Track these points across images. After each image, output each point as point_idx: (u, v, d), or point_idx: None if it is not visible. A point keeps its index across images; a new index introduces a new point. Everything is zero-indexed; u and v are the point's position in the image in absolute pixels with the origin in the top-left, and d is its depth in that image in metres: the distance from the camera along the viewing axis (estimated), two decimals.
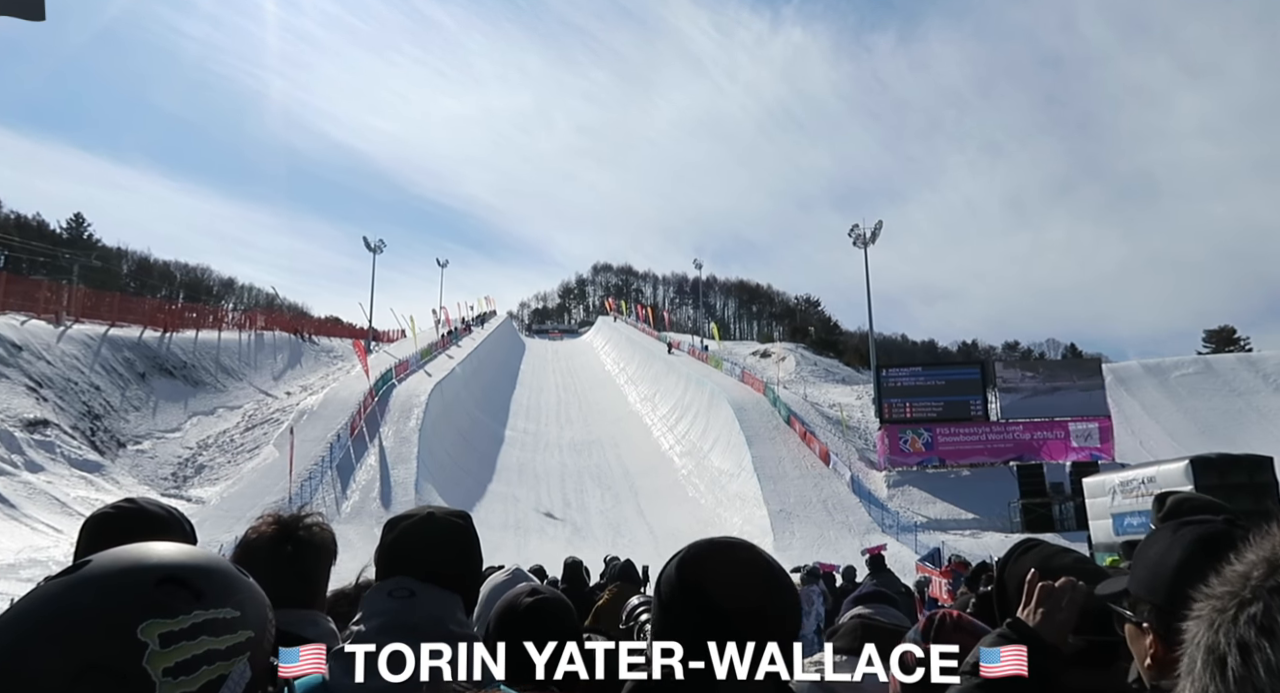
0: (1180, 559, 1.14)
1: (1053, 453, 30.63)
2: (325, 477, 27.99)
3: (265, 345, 44.11)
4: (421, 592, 1.43)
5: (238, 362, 40.64)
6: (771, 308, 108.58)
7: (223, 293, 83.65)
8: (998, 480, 29.47)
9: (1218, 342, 60.25)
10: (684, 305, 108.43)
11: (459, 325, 58.93)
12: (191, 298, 67.66)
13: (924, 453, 31.87)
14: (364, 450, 30.39)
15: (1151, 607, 1.18)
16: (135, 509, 1.82)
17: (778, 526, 26.67)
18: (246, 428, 33.85)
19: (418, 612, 1.39)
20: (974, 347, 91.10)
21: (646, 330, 64.45)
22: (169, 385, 34.97)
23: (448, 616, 1.42)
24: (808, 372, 49.25)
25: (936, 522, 28.01)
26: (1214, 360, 42.64)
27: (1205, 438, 29.64)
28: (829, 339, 79.17)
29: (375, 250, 50.84)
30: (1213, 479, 18.65)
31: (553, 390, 48.13)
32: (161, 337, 37.34)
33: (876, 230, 42.58)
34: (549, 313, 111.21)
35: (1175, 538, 1.19)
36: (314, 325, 55.55)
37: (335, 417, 32.22)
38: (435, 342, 49.53)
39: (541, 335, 77.25)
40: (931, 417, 32.20)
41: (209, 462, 30.66)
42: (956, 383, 32.93)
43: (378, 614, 1.40)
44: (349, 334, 54.60)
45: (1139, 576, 1.22)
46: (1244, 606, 0.45)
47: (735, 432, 34.06)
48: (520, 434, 38.79)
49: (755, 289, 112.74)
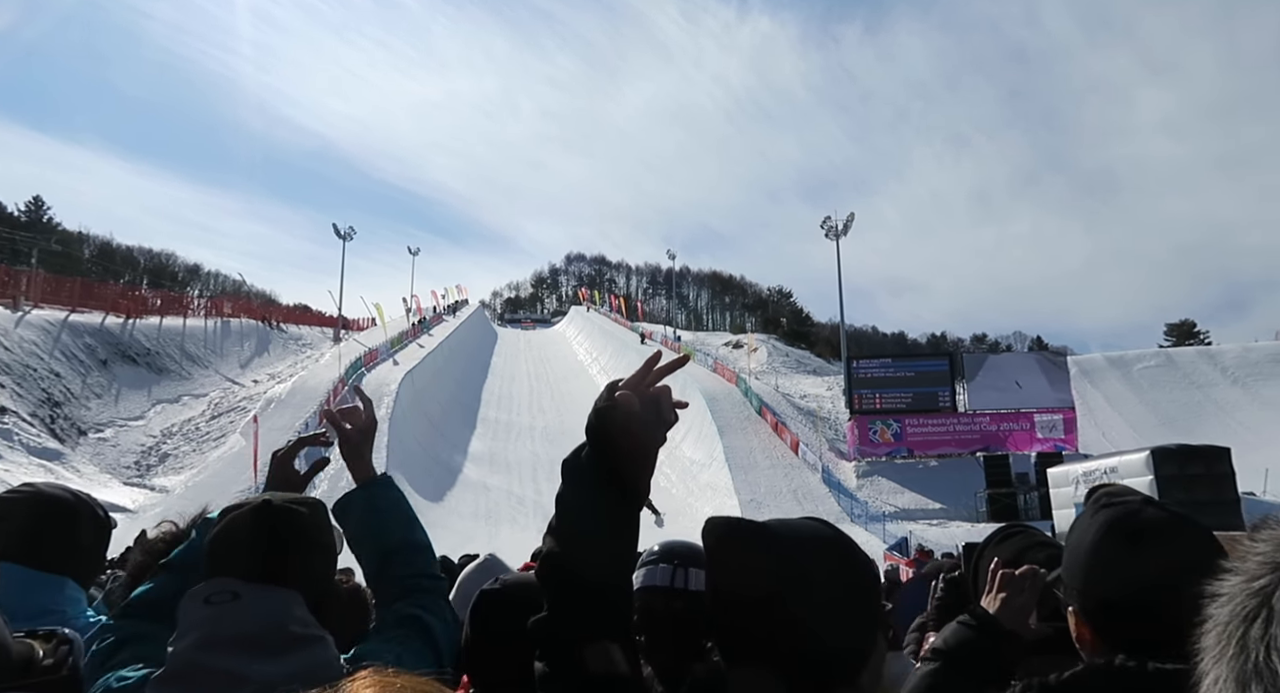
0: (1094, 541, 1.16)
1: (1018, 444, 31.13)
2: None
3: (232, 333, 43.41)
4: (248, 593, 1.18)
5: (203, 349, 39.96)
6: (744, 299, 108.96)
7: (188, 279, 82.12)
8: (964, 471, 29.89)
9: (1178, 335, 61.58)
10: (657, 296, 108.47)
11: (430, 314, 58.43)
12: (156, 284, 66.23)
13: (893, 444, 32.24)
14: (333, 440, 30.07)
15: (1074, 589, 1.19)
16: (30, 493, 1.76)
17: (748, 515, 26.72)
18: (212, 416, 33.33)
19: (245, 617, 1.16)
20: (943, 339, 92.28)
21: (619, 320, 64.37)
22: (132, 373, 34.30)
23: (286, 617, 1.18)
24: (779, 363, 49.55)
25: (905, 512, 28.38)
26: (1174, 353, 43.57)
27: (1166, 429, 30.32)
28: (801, 330, 79.70)
29: (345, 238, 50.17)
30: (1172, 469, 19.16)
31: (525, 380, 47.95)
32: (124, 323, 36.56)
33: (849, 222, 42.82)
34: (522, 302, 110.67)
35: (1091, 521, 1.20)
36: (282, 313, 54.69)
37: (304, 405, 31.85)
38: (406, 330, 49.12)
39: (514, 325, 76.80)
40: (901, 408, 32.56)
41: (173, 450, 30.15)
42: (925, 375, 33.33)
43: (193, 627, 1.15)
44: (318, 322, 53.89)
45: (1065, 560, 1.23)
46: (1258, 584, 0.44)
47: (707, 422, 34.20)
48: (492, 423, 38.62)
49: (728, 280, 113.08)
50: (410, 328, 50.42)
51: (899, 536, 22.18)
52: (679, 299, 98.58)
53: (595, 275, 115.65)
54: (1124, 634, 1.09)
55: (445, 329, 52.66)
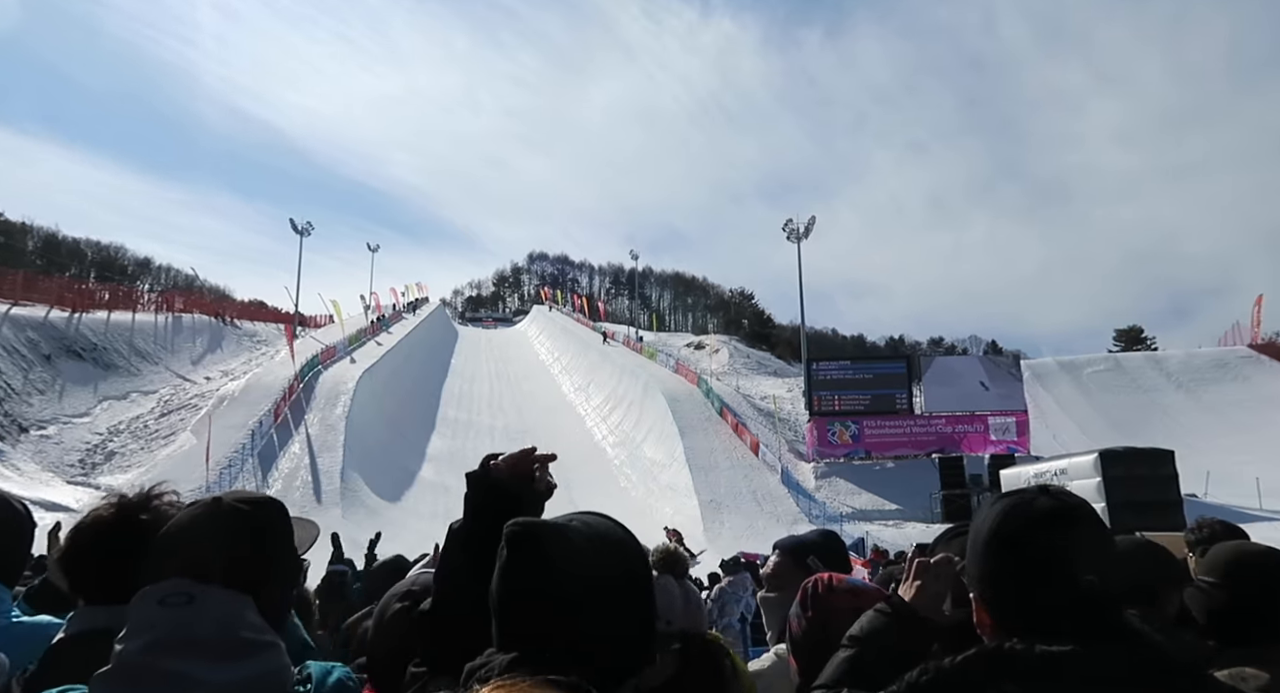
0: (990, 530, 1.20)
1: (972, 446, 31.72)
2: (246, 465, 27.11)
3: (184, 328, 42.38)
4: (202, 596, 1.15)
5: (153, 345, 38.93)
6: (706, 300, 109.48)
7: (138, 273, 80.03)
8: (920, 472, 30.37)
9: (1127, 341, 63.33)
10: (620, 296, 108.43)
11: (390, 311, 57.67)
12: (104, 277, 64.46)
13: (851, 445, 32.63)
14: (288, 438, 29.53)
15: (973, 576, 1.23)
16: None
17: (708, 516, 26.97)
18: (162, 414, 32.47)
19: (199, 621, 1.13)
20: (900, 342, 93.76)
21: (582, 320, 64.24)
22: (77, 368, 33.27)
23: (238, 622, 1.16)
24: (741, 364, 49.86)
25: (861, 512, 28.74)
26: (1123, 359, 44.81)
27: (1114, 432, 31.12)
28: (762, 332, 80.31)
29: (302, 233, 49.33)
30: (1119, 471, 19.69)
31: (486, 379, 47.59)
32: (70, 317, 35.45)
33: (810, 225, 43.26)
34: (483, 301, 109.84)
35: (990, 511, 1.23)
36: (236, 309, 53.64)
37: (258, 403, 31.21)
38: (365, 328, 48.45)
39: (475, 323, 76.25)
40: (859, 409, 32.98)
41: (120, 448, 29.30)
42: (884, 377, 33.80)
43: (145, 628, 1.12)
44: (274, 318, 52.89)
45: (967, 549, 1.27)
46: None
47: (668, 423, 34.27)
48: (452, 423, 38.24)
49: (691, 281, 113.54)
50: (369, 326, 49.75)
51: (855, 536, 22.45)
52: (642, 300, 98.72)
53: (558, 275, 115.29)
54: (1017, 619, 1.13)
55: (405, 327, 52.04)
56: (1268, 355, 40.06)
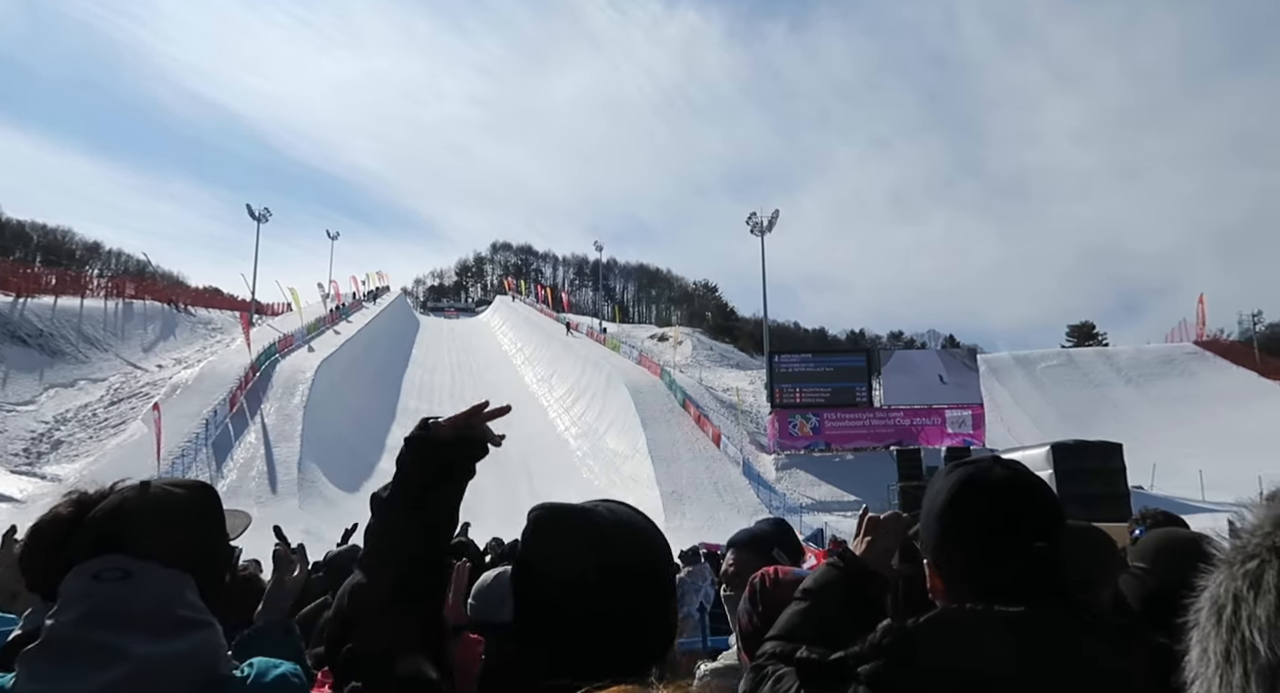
0: (946, 498, 1.23)
1: (929, 438, 32.26)
2: (200, 454, 26.57)
3: (135, 315, 41.32)
4: (140, 572, 1.14)
5: (103, 331, 37.91)
6: (670, 292, 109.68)
7: (87, 258, 77.72)
8: (878, 464, 30.81)
9: (1079, 336, 64.93)
10: (584, 287, 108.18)
11: (349, 300, 56.81)
12: (51, 261, 62.53)
13: (811, 437, 33.00)
14: (244, 428, 28.99)
15: (928, 542, 1.27)
16: None
17: (669, 507, 27.09)
18: (112, 402, 31.65)
19: (135, 596, 1.12)
20: (861, 336, 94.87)
21: (545, 311, 63.94)
22: (22, 354, 32.28)
23: (176, 599, 1.15)
24: (704, 356, 50.08)
25: (821, 504, 29.10)
26: (1075, 354, 45.93)
27: (1066, 425, 31.89)
28: (725, 325, 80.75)
29: (260, 219, 48.30)
30: (1070, 463, 20.17)
31: (448, 370, 47.16)
32: (14, 302, 34.38)
33: (774, 219, 43.53)
34: (445, 290, 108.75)
35: (945, 480, 1.27)
36: (190, 296, 52.41)
37: (212, 392, 30.57)
38: (323, 316, 47.67)
39: (437, 313, 75.48)
40: (820, 402, 33.34)
41: (68, 437, 28.52)
42: (844, 370, 34.20)
43: (79, 601, 1.11)
44: (229, 306, 51.78)
45: (922, 515, 1.30)
46: (1244, 562, 0.47)
47: (631, 414, 34.31)
48: (413, 413, 37.69)
49: (655, 273, 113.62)
50: (328, 314, 48.96)
51: (815, 527, 22.75)
52: (606, 291, 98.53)
53: (521, 265, 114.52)
54: (972, 581, 1.16)
55: (365, 317, 51.34)
56: (1212, 352, 41.38)
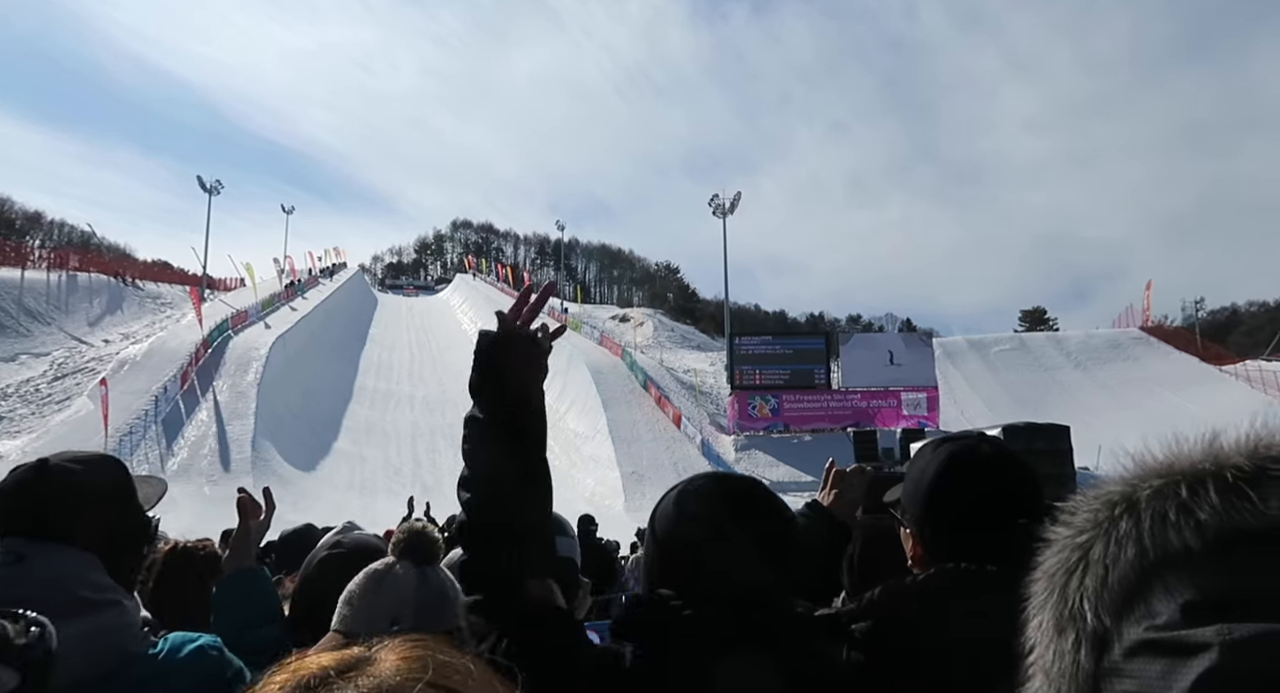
0: (935, 473, 1.28)
1: (886, 420, 32.83)
2: (149, 432, 25.94)
3: (79, 288, 40.02)
4: (36, 554, 1.12)
5: (45, 305, 36.67)
6: (632, 273, 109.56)
7: (27, 228, 74.98)
8: (836, 445, 31.23)
9: (1031, 321, 66.41)
10: (545, 267, 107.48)
11: (305, 276, 55.68)
12: None
13: (770, 418, 33.35)
14: (195, 405, 28.35)
15: (914, 513, 1.31)
16: None
17: (629, 487, 27.22)
18: (55, 377, 30.68)
19: (26, 580, 1.09)
20: (820, 319, 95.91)
21: (506, 290, 63.40)
22: None
23: (74, 579, 1.12)
24: (665, 337, 50.18)
25: (779, 484, 29.45)
26: (1027, 338, 46.96)
27: (1017, 408, 32.66)
28: (687, 306, 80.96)
29: (211, 192, 46.91)
30: (1021, 444, 20.59)
31: (406, 348, 46.60)
32: None
33: (735, 201, 43.60)
34: (404, 268, 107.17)
35: (934, 455, 1.32)
36: (138, 269, 50.89)
37: (162, 368, 29.80)
38: (278, 292, 46.68)
39: (396, 291, 74.45)
40: (779, 384, 33.67)
41: (9, 413, 27.61)
42: (803, 352, 34.55)
43: None
44: (180, 280, 50.41)
45: (906, 487, 1.36)
46: (1075, 536, 0.49)
47: (592, 394, 34.30)
48: (370, 392, 37.37)
49: (617, 254, 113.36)
50: (283, 290, 47.95)
51: None
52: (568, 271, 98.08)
53: (482, 244, 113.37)
54: (956, 548, 1.22)
55: (321, 293, 50.39)
56: (1156, 337, 42.63)
